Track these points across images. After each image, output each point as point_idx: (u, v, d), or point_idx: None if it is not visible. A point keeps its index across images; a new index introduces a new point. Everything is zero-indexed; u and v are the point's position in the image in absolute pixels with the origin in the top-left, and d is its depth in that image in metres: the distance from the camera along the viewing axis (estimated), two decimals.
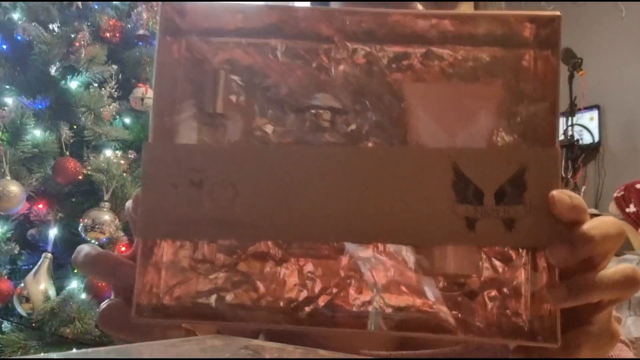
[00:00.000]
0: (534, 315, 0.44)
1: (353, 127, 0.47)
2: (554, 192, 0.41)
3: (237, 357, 0.32)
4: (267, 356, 0.32)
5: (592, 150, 3.59)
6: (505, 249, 0.45)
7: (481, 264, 0.46)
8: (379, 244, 0.45)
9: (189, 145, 0.46)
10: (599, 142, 3.60)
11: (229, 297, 0.46)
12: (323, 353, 0.36)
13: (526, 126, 0.46)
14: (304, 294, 0.46)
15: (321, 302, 0.46)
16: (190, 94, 0.48)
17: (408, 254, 0.46)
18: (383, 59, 0.48)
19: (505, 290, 0.45)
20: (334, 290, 0.46)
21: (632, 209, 2.32)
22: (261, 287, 0.46)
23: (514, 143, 0.46)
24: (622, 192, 2.38)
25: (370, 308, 0.46)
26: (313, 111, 0.47)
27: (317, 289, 0.46)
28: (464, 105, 0.46)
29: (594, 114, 3.61)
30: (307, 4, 0.75)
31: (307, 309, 0.46)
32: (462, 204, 0.42)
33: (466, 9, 0.68)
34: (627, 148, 3.50)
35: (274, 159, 0.44)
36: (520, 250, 0.45)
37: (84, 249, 0.46)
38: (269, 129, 0.48)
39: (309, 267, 0.47)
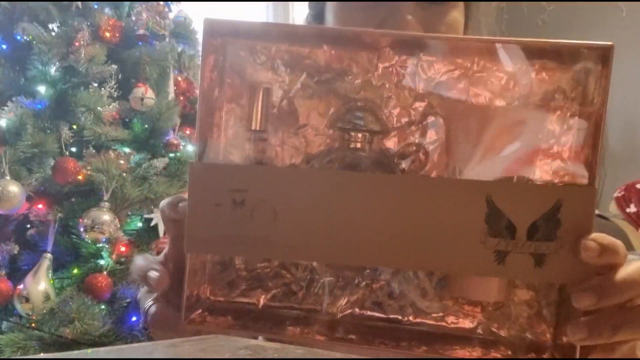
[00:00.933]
0: (555, 342, 0.45)
1: (390, 147, 0.48)
2: (583, 241, 0.40)
3: (237, 357, 0.32)
4: (267, 356, 0.32)
5: None
6: None
7: (511, 289, 0.47)
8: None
9: (232, 165, 0.48)
10: None
11: (269, 296, 0.50)
12: (323, 353, 0.36)
13: (565, 161, 0.46)
14: (341, 299, 0.49)
15: (356, 309, 0.49)
16: (232, 110, 0.49)
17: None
18: (429, 71, 0.47)
19: (532, 309, 0.47)
20: (368, 297, 0.49)
21: (632, 209, 2.32)
22: (299, 289, 0.49)
23: (551, 175, 0.46)
24: (623, 192, 2.38)
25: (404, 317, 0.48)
26: (352, 133, 0.47)
27: (353, 295, 0.49)
28: (505, 129, 0.46)
29: None
30: (305, 4, 0.74)
31: (344, 313, 0.49)
32: (493, 237, 0.42)
33: (457, 15, 0.67)
34: (628, 148, 3.50)
35: (313, 182, 0.44)
36: None
37: (137, 260, 0.51)
38: (309, 134, 0.49)
39: (346, 272, 0.49)
